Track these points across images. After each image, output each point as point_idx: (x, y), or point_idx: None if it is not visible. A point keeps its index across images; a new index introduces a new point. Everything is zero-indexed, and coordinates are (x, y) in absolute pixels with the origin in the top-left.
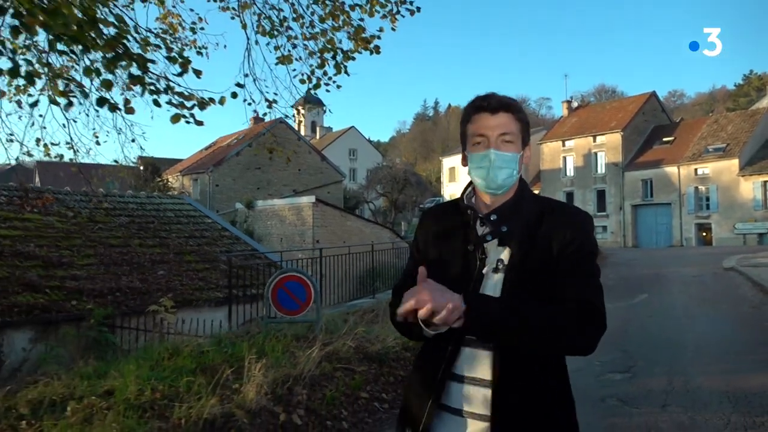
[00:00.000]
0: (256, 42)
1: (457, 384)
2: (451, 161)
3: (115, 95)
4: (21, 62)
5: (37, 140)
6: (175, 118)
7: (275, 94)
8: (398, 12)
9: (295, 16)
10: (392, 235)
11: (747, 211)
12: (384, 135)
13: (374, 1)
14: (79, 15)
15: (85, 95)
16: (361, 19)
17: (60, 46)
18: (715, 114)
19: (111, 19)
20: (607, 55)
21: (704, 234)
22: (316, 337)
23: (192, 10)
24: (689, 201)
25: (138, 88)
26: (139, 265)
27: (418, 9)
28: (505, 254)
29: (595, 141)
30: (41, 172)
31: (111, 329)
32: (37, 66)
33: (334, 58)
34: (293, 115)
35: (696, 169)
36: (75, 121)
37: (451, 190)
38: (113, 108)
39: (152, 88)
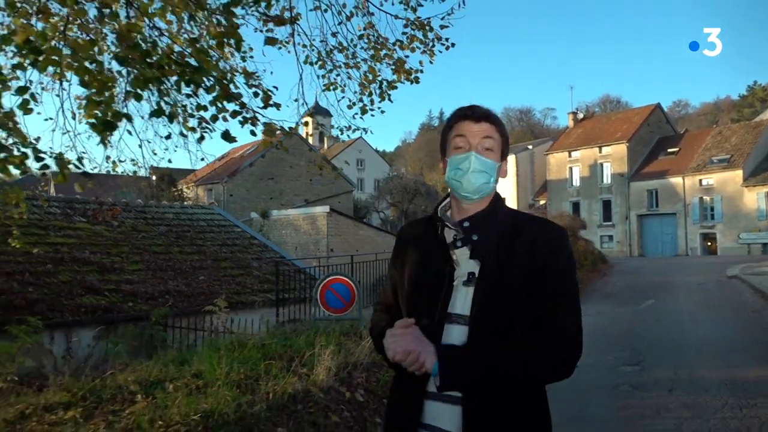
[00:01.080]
0: (318, 77)
1: (431, 401)
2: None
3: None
4: (164, 105)
5: (107, 157)
6: (264, 144)
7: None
8: (434, 46)
9: (340, 48)
10: None
11: (751, 221)
12: (389, 145)
13: (414, 38)
14: (194, 62)
15: (212, 130)
16: (407, 56)
17: (185, 90)
18: (719, 125)
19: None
20: (611, 65)
21: (709, 243)
22: (362, 332)
23: (243, 40)
24: (694, 211)
25: (232, 120)
26: (181, 271)
27: (453, 45)
28: (477, 267)
29: (600, 152)
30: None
31: (163, 328)
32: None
33: (380, 87)
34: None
35: (701, 180)
36: (149, 142)
37: None
38: (231, 139)
39: (249, 120)
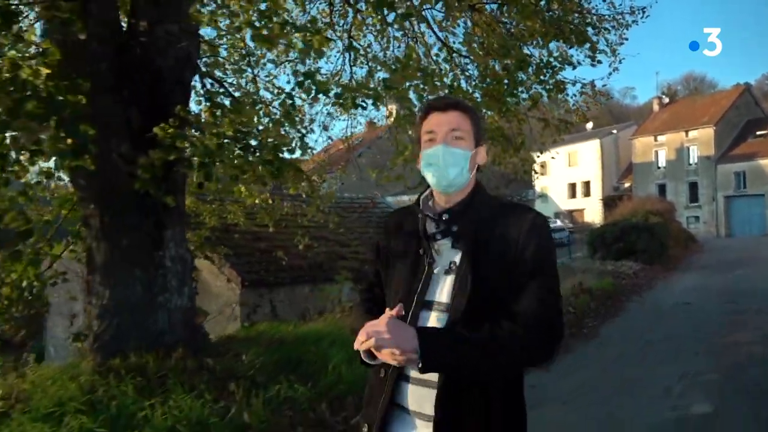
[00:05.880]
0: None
1: (407, 384)
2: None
3: None
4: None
5: None
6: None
7: None
8: (595, 95)
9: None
10: None
11: None
12: None
13: (584, 93)
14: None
15: None
16: (587, 108)
17: None
18: None
19: None
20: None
21: None
22: None
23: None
24: None
25: None
26: None
27: (611, 97)
28: (458, 256)
29: (687, 135)
30: None
31: None
32: None
33: (564, 124)
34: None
35: None
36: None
37: (542, 183)
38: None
39: None
